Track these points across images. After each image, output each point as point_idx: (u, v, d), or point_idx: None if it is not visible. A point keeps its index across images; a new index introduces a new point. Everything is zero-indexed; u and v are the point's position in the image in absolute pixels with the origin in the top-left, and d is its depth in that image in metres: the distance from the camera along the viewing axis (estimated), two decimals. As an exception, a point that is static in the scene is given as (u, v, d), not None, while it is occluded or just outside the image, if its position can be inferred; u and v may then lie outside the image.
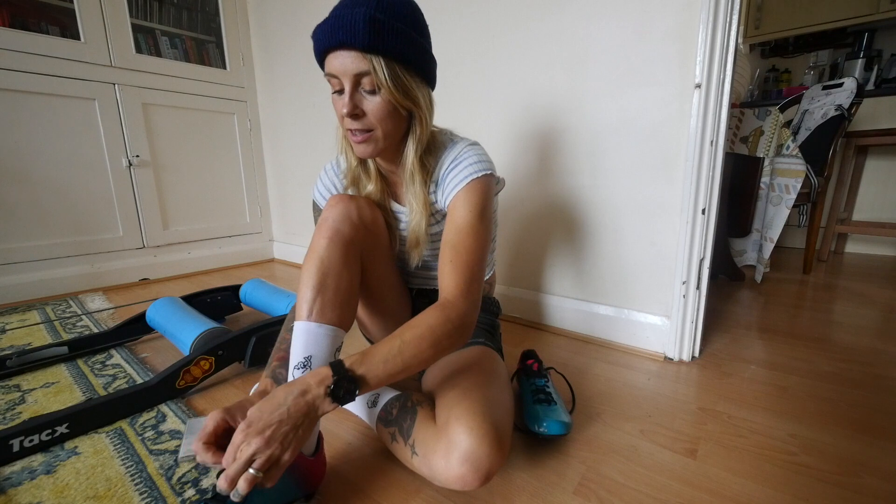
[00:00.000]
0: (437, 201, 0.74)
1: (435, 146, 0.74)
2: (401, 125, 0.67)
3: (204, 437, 0.55)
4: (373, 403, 0.75)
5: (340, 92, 0.63)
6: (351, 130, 0.65)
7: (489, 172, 0.70)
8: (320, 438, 0.65)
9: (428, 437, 0.62)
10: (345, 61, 0.60)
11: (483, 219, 0.68)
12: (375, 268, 0.75)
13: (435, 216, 0.75)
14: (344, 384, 0.52)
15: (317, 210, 0.84)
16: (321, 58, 0.64)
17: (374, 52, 0.59)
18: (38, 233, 1.63)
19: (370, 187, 0.76)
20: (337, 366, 0.54)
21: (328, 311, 0.63)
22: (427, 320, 0.59)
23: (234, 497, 0.48)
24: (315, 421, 0.54)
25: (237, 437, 0.50)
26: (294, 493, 0.60)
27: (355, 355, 0.56)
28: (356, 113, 0.63)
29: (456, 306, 0.62)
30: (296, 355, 0.62)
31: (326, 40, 0.61)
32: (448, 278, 0.64)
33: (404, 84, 0.63)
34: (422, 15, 0.66)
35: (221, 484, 0.48)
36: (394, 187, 0.79)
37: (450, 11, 1.36)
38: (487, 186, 0.70)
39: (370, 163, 0.75)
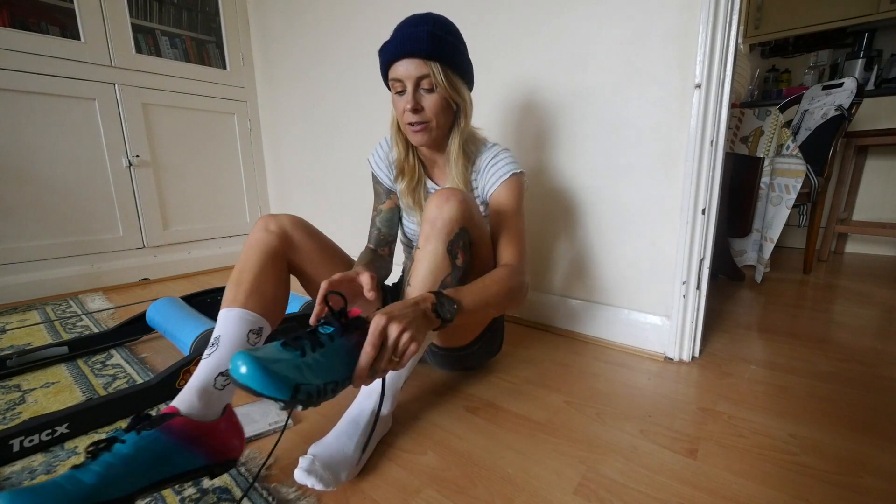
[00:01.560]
0: (476, 186, 0.90)
1: (475, 140, 0.92)
2: (450, 118, 0.83)
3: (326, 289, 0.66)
4: None
5: (402, 93, 0.79)
6: (410, 123, 0.79)
7: (523, 171, 0.87)
8: (228, 407, 0.64)
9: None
10: (409, 67, 0.76)
11: (522, 206, 0.86)
12: (315, 268, 0.83)
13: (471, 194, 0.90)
14: (444, 301, 0.62)
15: (374, 179, 0.99)
16: (387, 68, 0.79)
17: (433, 59, 0.75)
18: (38, 233, 1.63)
19: (408, 173, 0.90)
20: (437, 292, 0.64)
21: (241, 297, 0.70)
22: (500, 272, 0.75)
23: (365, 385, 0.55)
24: (428, 328, 0.60)
25: (379, 320, 0.54)
26: (193, 461, 0.56)
27: (451, 289, 0.66)
28: (417, 108, 0.78)
29: (517, 269, 0.78)
30: (212, 338, 0.68)
31: (396, 51, 0.76)
32: (506, 250, 0.80)
33: (454, 84, 0.79)
34: (460, 32, 0.83)
35: (364, 364, 0.53)
36: (431, 171, 0.94)
37: (449, 13, 1.35)
38: (522, 182, 0.87)
39: (411, 153, 0.90)
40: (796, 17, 2.46)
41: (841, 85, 1.84)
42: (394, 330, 0.54)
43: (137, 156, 1.85)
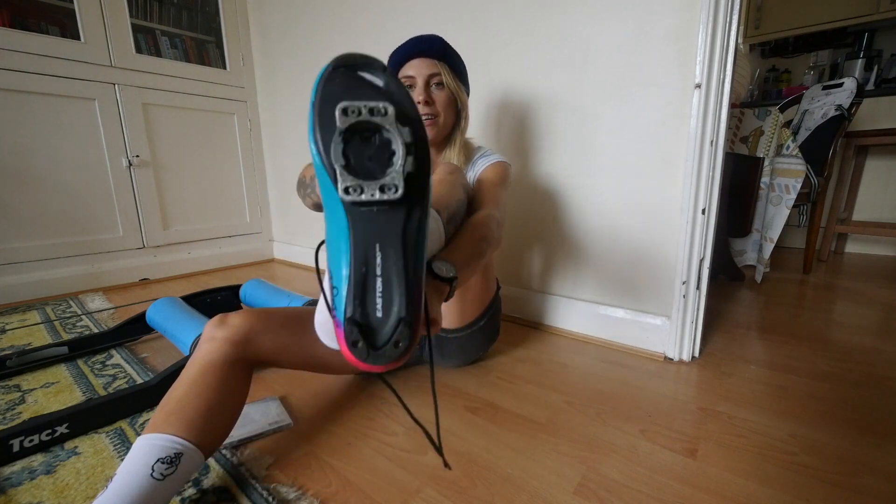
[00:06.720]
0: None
1: (469, 148, 1.00)
2: (453, 117, 0.93)
3: None
4: None
5: (411, 87, 0.87)
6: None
7: (509, 164, 0.96)
8: None
9: None
10: (421, 65, 0.87)
11: (504, 183, 0.91)
12: (291, 348, 0.78)
13: None
14: (440, 266, 0.55)
15: (300, 185, 0.85)
16: (398, 67, 0.89)
17: (443, 61, 0.88)
18: (38, 233, 1.63)
19: None
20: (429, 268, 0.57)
21: (158, 422, 0.60)
22: (479, 215, 0.73)
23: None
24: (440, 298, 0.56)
25: None
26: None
27: (442, 253, 0.60)
28: (428, 101, 0.87)
29: (493, 210, 0.77)
30: None
31: (410, 50, 0.87)
32: (485, 203, 0.80)
33: (459, 86, 0.92)
34: None
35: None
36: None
37: (450, 12, 1.36)
38: (507, 169, 0.95)
39: None
40: (796, 17, 2.46)
41: (841, 85, 1.84)
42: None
43: (137, 156, 1.85)
